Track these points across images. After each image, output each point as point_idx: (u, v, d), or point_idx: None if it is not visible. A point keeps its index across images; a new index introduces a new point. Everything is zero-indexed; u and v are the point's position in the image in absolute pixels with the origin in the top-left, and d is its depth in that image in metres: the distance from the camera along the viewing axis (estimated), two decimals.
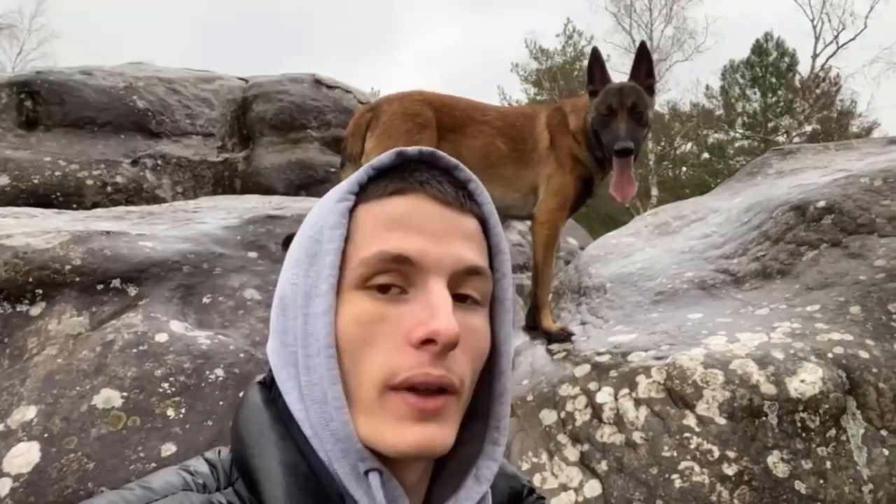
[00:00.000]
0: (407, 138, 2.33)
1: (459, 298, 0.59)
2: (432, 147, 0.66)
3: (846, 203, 2.59)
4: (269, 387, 0.64)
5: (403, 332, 0.56)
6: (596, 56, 2.49)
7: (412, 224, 0.58)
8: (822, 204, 2.64)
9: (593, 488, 1.95)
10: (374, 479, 0.56)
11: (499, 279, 0.64)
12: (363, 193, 0.61)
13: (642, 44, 2.53)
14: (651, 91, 2.41)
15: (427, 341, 0.55)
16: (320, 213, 0.61)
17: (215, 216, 2.89)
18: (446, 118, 2.50)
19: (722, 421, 1.91)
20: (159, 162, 4.76)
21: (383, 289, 0.57)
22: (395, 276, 0.58)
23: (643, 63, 2.44)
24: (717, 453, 1.87)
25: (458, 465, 0.63)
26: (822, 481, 1.82)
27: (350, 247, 0.58)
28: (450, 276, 0.58)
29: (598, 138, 2.41)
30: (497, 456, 0.63)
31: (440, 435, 0.57)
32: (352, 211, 0.60)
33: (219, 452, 0.62)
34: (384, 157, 0.62)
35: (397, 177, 0.61)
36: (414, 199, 0.60)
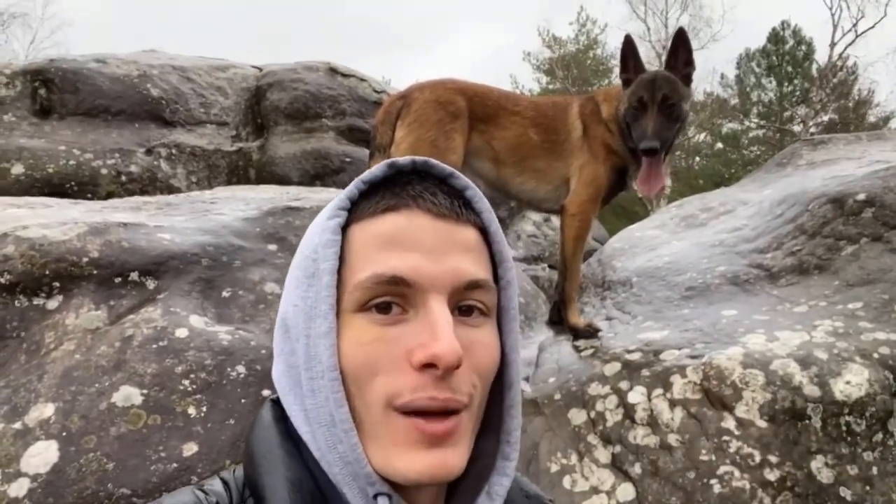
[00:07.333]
0: (438, 127, 2.23)
1: (465, 311, 0.57)
2: (463, 138, 0.62)
3: (888, 196, 2.49)
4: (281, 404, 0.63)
5: (404, 352, 0.54)
6: (629, 44, 2.38)
7: (406, 242, 0.56)
8: (861, 197, 2.54)
9: (626, 492, 1.88)
10: (383, 503, 0.54)
11: (503, 288, 0.62)
12: (356, 210, 0.58)
13: (680, 29, 2.41)
14: (688, 80, 2.30)
15: (428, 365, 0.53)
16: (314, 232, 0.60)
17: (233, 207, 2.82)
18: (479, 107, 2.39)
19: (763, 424, 1.84)
20: (173, 151, 4.71)
21: (383, 309, 0.55)
22: (393, 297, 0.55)
23: (681, 50, 2.32)
24: (758, 457, 1.79)
25: (471, 482, 0.61)
26: (868, 487, 1.74)
27: (345, 268, 0.57)
28: (450, 292, 0.56)
29: (630, 130, 2.33)
30: (509, 471, 0.61)
31: (452, 459, 0.55)
32: (345, 229, 0.58)
33: (234, 471, 0.62)
34: (375, 170, 0.59)
35: (389, 192, 0.58)
36: (407, 214, 0.57)
